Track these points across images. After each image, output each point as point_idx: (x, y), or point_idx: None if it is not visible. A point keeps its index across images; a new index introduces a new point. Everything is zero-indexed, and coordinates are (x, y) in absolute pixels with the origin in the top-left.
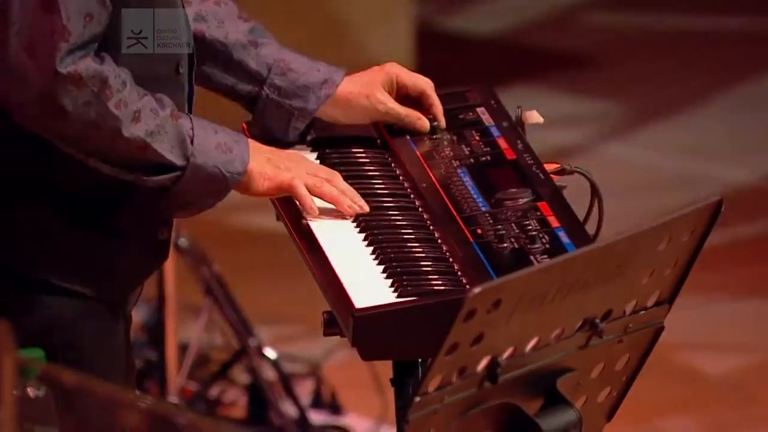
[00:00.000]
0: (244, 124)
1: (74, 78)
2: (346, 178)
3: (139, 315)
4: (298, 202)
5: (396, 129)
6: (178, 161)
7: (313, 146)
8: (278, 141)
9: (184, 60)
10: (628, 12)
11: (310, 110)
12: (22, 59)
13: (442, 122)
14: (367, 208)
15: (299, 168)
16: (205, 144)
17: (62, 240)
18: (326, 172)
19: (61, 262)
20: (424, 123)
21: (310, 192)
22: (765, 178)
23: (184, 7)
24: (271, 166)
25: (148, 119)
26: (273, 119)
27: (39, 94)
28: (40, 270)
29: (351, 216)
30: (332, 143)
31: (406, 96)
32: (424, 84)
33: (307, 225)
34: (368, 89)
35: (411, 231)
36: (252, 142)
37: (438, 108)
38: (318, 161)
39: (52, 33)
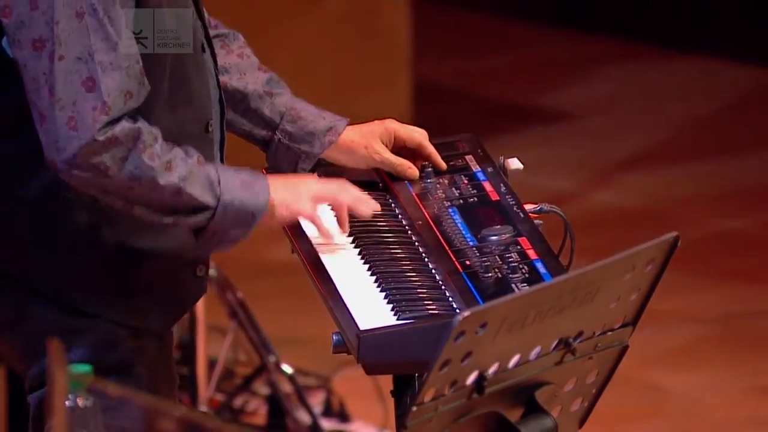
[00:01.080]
0: (263, 170)
1: (111, 140)
2: (351, 218)
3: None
4: (312, 222)
5: (393, 177)
6: (210, 201)
7: None
8: None
9: (213, 119)
10: (600, 73)
11: (315, 154)
12: (64, 131)
13: (442, 166)
14: (379, 208)
15: (320, 188)
16: (231, 183)
17: (115, 280)
18: (336, 184)
19: (114, 299)
20: (414, 172)
21: (330, 206)
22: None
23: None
24: (290, 193)
25: (179, 167)
26: (283, 160)
27: (80, 160)
28: (96, 305)
29: (375, 211)
30: None
31: (402, 147)
32: (419, 136)
33: (318, 256)
34: (367, 140)
35: (408, 262)
36: (269, 176)
37: (435, 156)
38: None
39: (94, 109)
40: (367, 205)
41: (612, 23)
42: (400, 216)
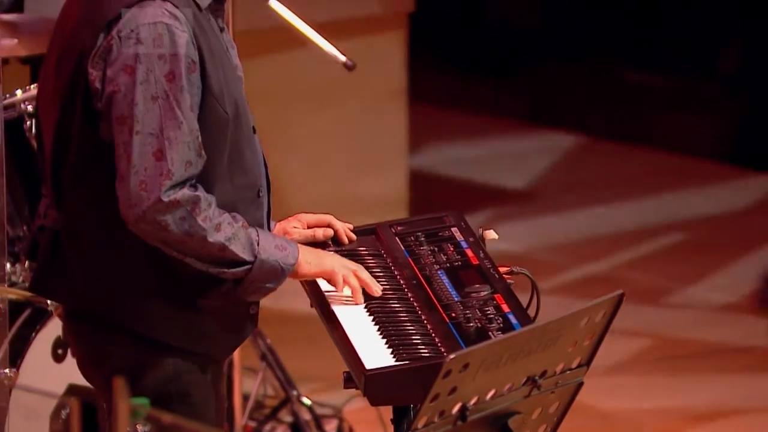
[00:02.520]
0: None
1: (174, 203)
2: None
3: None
4: (330, 283)
5: (392, 245)
6: (249, 258)
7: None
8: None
9: (263, 188)
10: (562, 160)
11: None
12: (137, 191)
13: (344, 241)
14: (380, 292)
15: (334, 260)
16: (267, 245)
17: (184, 316)
18: (354, 264)
19: (188, 331)
20: (329, 233)
21: (343, 279)
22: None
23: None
24: (313, 257)
25: (226, 229)
26: None
27: (148, 216)
28: (167, 336)
29: (377, 293)
30: (352, 255)
31: (316, 225)
32: (326, 217)
33: (332, 309)
34: (283, 229)
35: (405, 314)
36: (299, 245)
37: (339, 231)
38: None
39: (161, 174)
40: (377, 287)
41: (574, 120)
42: (398, 276)
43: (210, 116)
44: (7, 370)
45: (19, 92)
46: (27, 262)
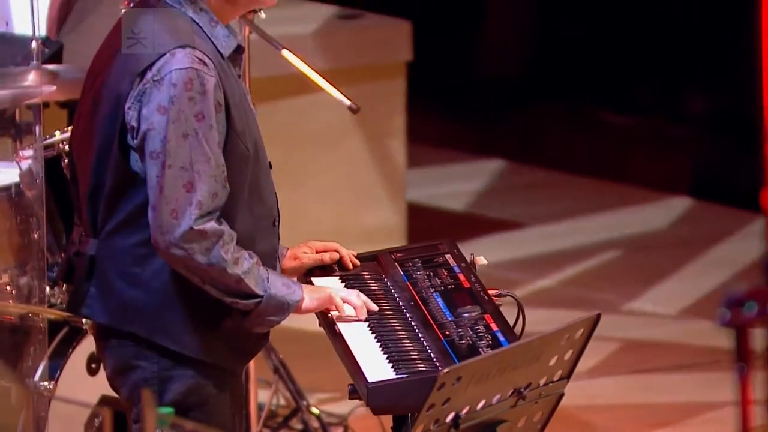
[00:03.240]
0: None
1: (202, 233)
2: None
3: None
4: (335, 309)
5: (392, 270)
6: (260, 292)
7: (342, 281)
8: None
9: (277, 217)
10: (543, 195)
11: (282, 266)
12: (169, 219)
13: (349, 266)
14: (376, 308)
15: (331, 291)
16: (276, 283)
17: (204, 333)
18: (349, 291)
19: (202, 347)
20: (335, 257)
21: (343, 301)
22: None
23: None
24: (314, 293)
25: (243, 264)
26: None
27: (178, 243)
28: (188, 351)
29: (373, 312)
30: (356, 279)
31: (324, 251)
32: (333, 244)
33: (338, 328)
34: (294, 255)
35: (403, 332)
36: (303, 285)
37: (344, 257)
38: (344, 285)
39: (191, 204)
40: (371, 307)
41: (555, 158)
42: (397, 298)
43: (233, 153)
44: (46, 383)
45: (57, 133)
46: (64, 286)
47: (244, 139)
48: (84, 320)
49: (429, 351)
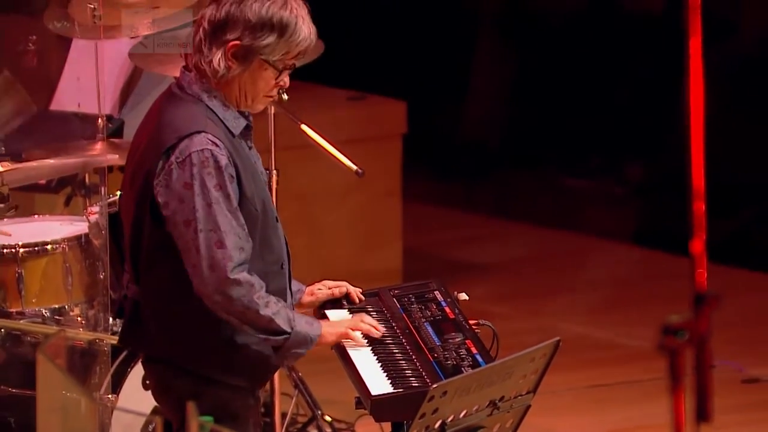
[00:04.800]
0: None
1: (237, 281)
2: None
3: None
4: (351, 340)
5: (391, 304)
6: (288, 329)
7: (350, 313)
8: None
9: (285, 262)
10: (515, 241)
11: (300, 300)
12: (207, 273)
13: (356, 301)
14: (382, 332)
15: (345, 323)
16: (300, 321)
17: (229, 360)
18: (361, 317)
19: (228, 370)
20: (343, 290)
21: (356, 329)
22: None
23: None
24: (332, 328)
25: (272, 306)
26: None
27: (218, 291)
28: (216, 374)
29: (380, 335)
30: (361, 311)
31: (335, 287)
32: (343, 283)
33: (346, 350)
34: (311, 291)
35: (399, 354)
36: (323, 321)
37: (351, 293)
38: (351, 315)
39: (224, 258)
40: (377, 331)
41: (526, 214)
42: (395, 327)
43: (245, 213)
44: (110, 396)
45: (118, 193)
46: None
47: (253, 202)
48: None
49: (420, 370)
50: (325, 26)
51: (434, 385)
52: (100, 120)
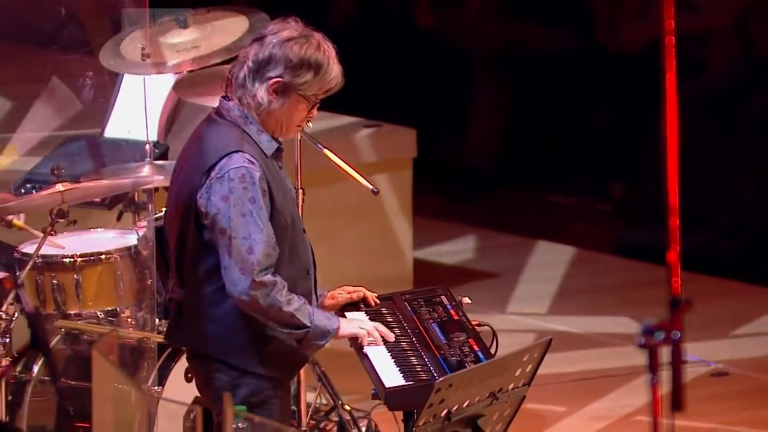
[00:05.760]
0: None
1: (263, 283)
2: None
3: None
4: (360, 339)
5: (402, 307)
6: (308, 323)
7: (367, 314)
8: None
9: (311, 268)
10: (510, 252)
11: (322, 303)
12: (238, 276)
13: (371, 304)
14: (393, 338)
15: (360, 324)
16: (319, 316)
17: (262, 353)
18: (373, 324)
19: (261, 363)
20: (360, 294)
21: (368, 334)
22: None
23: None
24: (348, 324)
25: (294, 303)
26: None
27: (246, 292)
28: (250, 366)
29: (391, 340)
30: (377, 313)
31: (353, 292)
32: (361, 288)
33: (363, 348)
34: (331, 294)
35: (411, 351)
36: (342, 318)
37: (368, 297)
38: (368, 318)
39: (252, 263)
40: (390, 335)
41: (518, 227)
42: (406, 327)
43: (275, 224)
44: (156, 388)
45: (164, 209)
46: None
47: (284, 215)
48: None
49: (429, 365)
50: (345, 62)
51: (441, 379)
52: (147, 145)
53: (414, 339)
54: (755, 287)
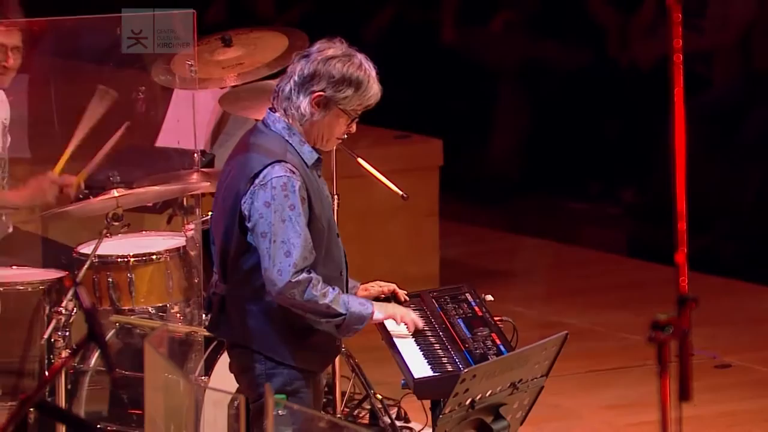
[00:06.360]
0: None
1: (297, 282)
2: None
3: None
4: (395, 320)
5: (430, 303)
6: (344, 311)
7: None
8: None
9: (344, 269)
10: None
11: (356, 294)
12: (276, 276)
13: (400, 298)
14: (422, 325)
15: (393, 307)
16: (354, 303)
17: (296, 346)
18: (404, 309)
19: (295, 355)
20: (391, 290)
21: (401, 318)
22: None
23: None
24: (382, 308)
25: (329, 294)
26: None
27: (284, 290)
28: (285, 358)
29: (420, 327)
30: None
31: (383, 287)
32: (391, 284)
33: (393, 340)
34: (365, 287)
35: (437, 344)
36: (374, 302)
37: (398, 294)
38: None
39: (289, 265)
40: (419, 321)
41: (538, 231)
42: (433, 322)
43: (313, 229)
44: (203, 377)
45: (210, 214)
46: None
47: (321, 220)
48: None
49: (455, 357)
50: (379, 77)
51: (465, 370)
52: (195, 154)
53: (441, 333)
54: (756, 286)
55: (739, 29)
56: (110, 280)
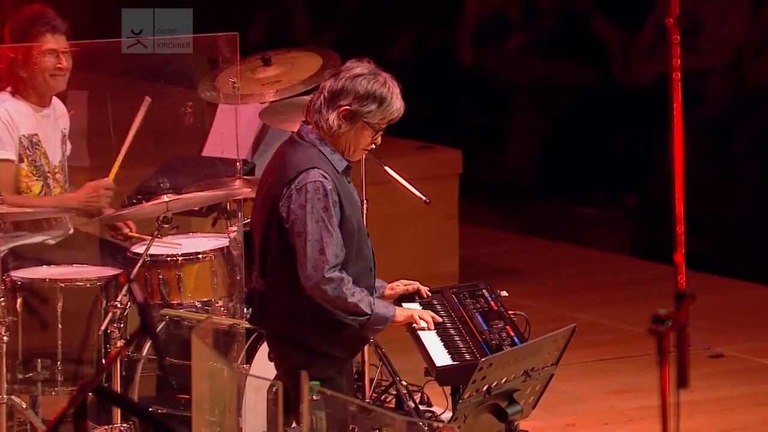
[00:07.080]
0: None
1: (330, 279)
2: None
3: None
4: (414, 324)
5: (450, 299)
6: (369, 311)
7: (420, 305)
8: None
9: (373, 266)
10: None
11: (382, 293)
12: (311, 272)
13: (423, 295)
14: (440, 320)
15: (412, 312)
16: (378, 305)
17: (330, 336)
18: (423, 311)
19: (328, 344)
20: (415, 287)
21: (420, 318)
22: None
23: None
24: (403, 312)
25: (357, 295)
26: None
27: (318, 285)
28: (319, 347)
29: (439, 321)
30: (428, 304)
31: (408, 285)
32: (415, 282)
33: (416, 332)
34: (391, 286)
35: (457, 336)
36: (395, 306)
37: (421, 290)
38: (421, 307)
39: (323, 262)
40: (438, 318)
41: (550, 232)
42: (453, 315)
43: (344, 229)
44: (244, 366)
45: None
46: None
47: (351, 221)
48: None
49: (472, 347)
50: (403, 93)
51: (483, 359)
52: (237, 163)
53: (460, 326)
54: (747, 283)
55: (732, 50)
56: (161, 277)
